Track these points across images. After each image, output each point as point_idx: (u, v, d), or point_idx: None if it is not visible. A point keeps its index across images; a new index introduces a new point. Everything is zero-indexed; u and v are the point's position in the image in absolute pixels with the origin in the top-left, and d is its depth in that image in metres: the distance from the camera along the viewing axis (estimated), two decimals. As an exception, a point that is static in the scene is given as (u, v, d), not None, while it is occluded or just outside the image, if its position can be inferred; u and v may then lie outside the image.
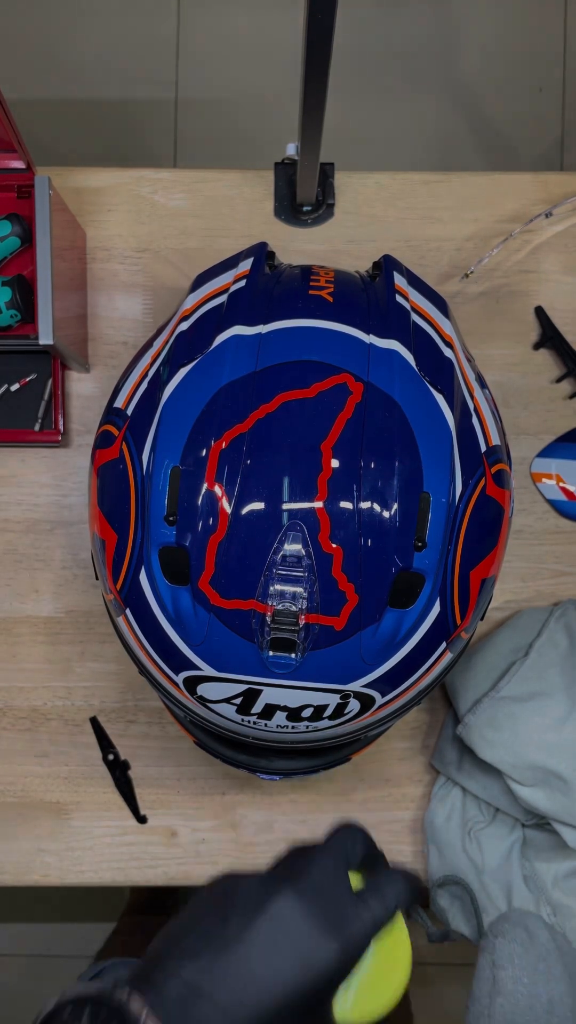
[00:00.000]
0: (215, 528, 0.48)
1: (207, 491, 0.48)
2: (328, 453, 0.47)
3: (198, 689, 0.52)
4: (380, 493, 0.48)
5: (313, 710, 0.51)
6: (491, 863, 0.74)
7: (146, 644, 0.52)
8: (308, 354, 0.50)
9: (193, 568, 0.48)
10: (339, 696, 0.50)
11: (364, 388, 0.49)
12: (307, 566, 0.47)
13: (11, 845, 0.79)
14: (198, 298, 0.55)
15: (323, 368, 0.49)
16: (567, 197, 0.79)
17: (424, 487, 0.49)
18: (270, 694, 0.50)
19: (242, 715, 0.52)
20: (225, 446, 0.48)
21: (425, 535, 0.49)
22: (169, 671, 0.52)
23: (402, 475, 0.48)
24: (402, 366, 0.50)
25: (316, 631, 0.48)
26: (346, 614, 0.48)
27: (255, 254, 0.56)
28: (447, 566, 0.50)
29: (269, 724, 0.52)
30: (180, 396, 0.51)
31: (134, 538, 0.51)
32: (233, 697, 0.51)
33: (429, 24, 1.59)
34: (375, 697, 0.51)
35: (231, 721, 0.53)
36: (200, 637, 0.49)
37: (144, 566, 0.50)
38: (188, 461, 0.49)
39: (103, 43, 1.58)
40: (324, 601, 0.47)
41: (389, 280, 0.55)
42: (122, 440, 0.53)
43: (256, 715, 0.51)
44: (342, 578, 0.47)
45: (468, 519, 0.51)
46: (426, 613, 0.50)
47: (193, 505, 0.48)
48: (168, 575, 0.49)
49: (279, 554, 0.47)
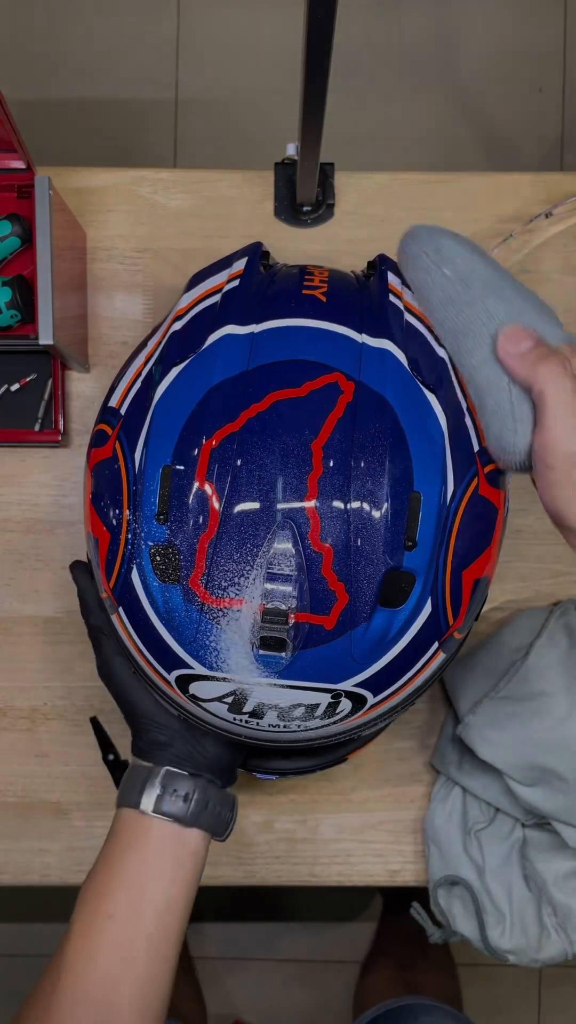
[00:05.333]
0: (205, 527, 0.48)
1: (198, 490, 0.48)
2: (319, 452, 0.47)
3: (190, 688, 0.52)
4: (370, 492, 0.48)
5: (304, 709, 0.51)
6: (492, 863, 0.74)
7: (139, 642, 0.53)
8: (300, 353, 0.50)
9: (184, 566, 0.48)
10: (330, 695, 0.50)
11: (355, 387, 0.49)
12: (297, 565, 0.47)
13: (11, 845, 0.79)
14: (192, 297, 0.55)
15: (315, 367, 0.49)
16: (567, 197, 0.79)
17: (415, 486, 0.49)
18: (260, 693, 0.50)
19: (234, 714, 0.52)
20: (216, 445, 0.48)
21: (416, 534, 0.49)
22: (162, 669, 0.52)
23: (392, 474, 0.48)
24: (394, 365, 0.50)
25: (306, 630, 0.48)
26: (336, 613, 0.48)
27: (250, 254, 0.56)
28: (438, 566, 0.50)
29: (261, 723, 0.52)
30: (172, 395, 0.51)
31: (126, 537, 0.51)
32: (224, 696, 0.51)
33: (429, 24, 1.59)
34: (367, 696, 0.51)
35: (223, 720, 0.53)
36: (191, 635, 0.49)
37: (136, 565, 0.50)
38: (179, 460, 0.49)
39: (103, 43, 1.58)
40: (314, 600, 0.48)
41: (383, 279, 0.55)
42: (115, 439, 0.53)
43: (248, 714, 0.51)
44: (332, 577, 0.47)
45: (460, 519, 0.50)
46: (417, 613, 0.50)
47: (184, 504, 0.48)
48: (159, 574, 0.49)
49: (269, 553, 0.47)
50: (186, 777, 0.57)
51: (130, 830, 0.57)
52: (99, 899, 0.56)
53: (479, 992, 1.43)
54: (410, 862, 0.79)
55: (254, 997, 1.53)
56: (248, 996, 1.53)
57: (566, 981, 1.54)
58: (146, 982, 0.55)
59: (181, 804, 0.57)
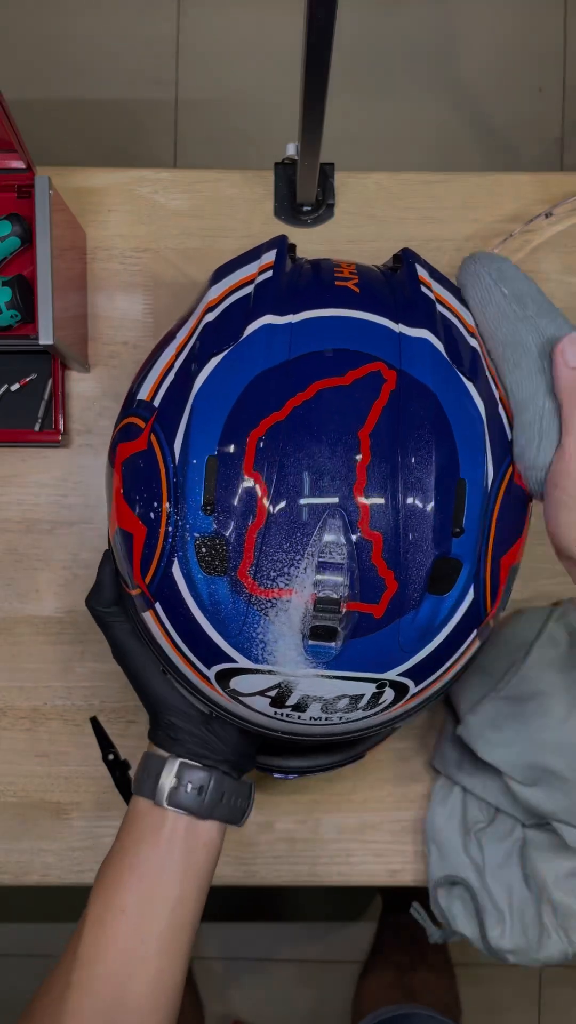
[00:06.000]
0: (254, 517, 0.47)
1: (245, 480, 0.48)
2: (366, 440, 0.47)
3: (231, 682, 0.51)
4: (418, 480, 0.48)
5: (348, 700, 0.50)
6: (492, 863, 0.74)
7: (176, 638, 0.52)
8: (340, 342, 0.50)
9: (231, 558, 0.48)
10: (375, 685, 0.50)
11: (397, 376, 0.49)
12: (347, 553, 0.47)
13: (11, 845, 0.79)
14: (222, 289, 0.55)
15: (356, 356, 0.49)
16: (567, 197, 0.79)
17: (460, 473, 0.49)
18: (306, 685, 0.49)
19: (276, 708, 0.51)
20: (262, 435, 0.48)
21: (462, 521, 0.49)
22: (201, 665, 0.52)
23: (439, 462, 0.48)
24: (433, 354, 0.51)
25: (356, 619, 0.48)
26: (386, 601, 0.48)
27: (278, 246, 0.56)
28: (480, 553, 0.50)
29: (303, 716, 0.51)
30: (212, 386, 0.50)
31: (166, 530, 0.50)
32: (268, 689, 0.50)
33: (429, 24, 1.59)
34: (408, 686, 0.51)
35: (262, 715, 0.52)
36: (236, 628, 0.49)
37: (178, 558, 0.50)
38: (225, 450, 0.49)
39: (103, 43, 1.58)
40: (364, 588, 0.47)
41: (412, 271, 0.55)
42: (150, 431, 0.52)
43: (290, 707, 0.51)
44: (382, 564, 0.47)
45: (499, 506, 0.51)
46: (462, 599, 0.50)
47: (231, 494, 0.48)
48: (204, 565, 0.49)
49: (319, 542, 0.47)
50: (201, 769, 0.57)
51: (144, 820, 0.57)
52: (112, 892, 0.56)
53: (479, 992, 1.43)
54: (410, 862, 0.79)
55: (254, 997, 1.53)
56: (248, 996, 1.53)
57: (566, 981, 1.54)
58: (157, 978, 0.55)
59: (196, 797, 0.56)
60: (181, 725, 0.57)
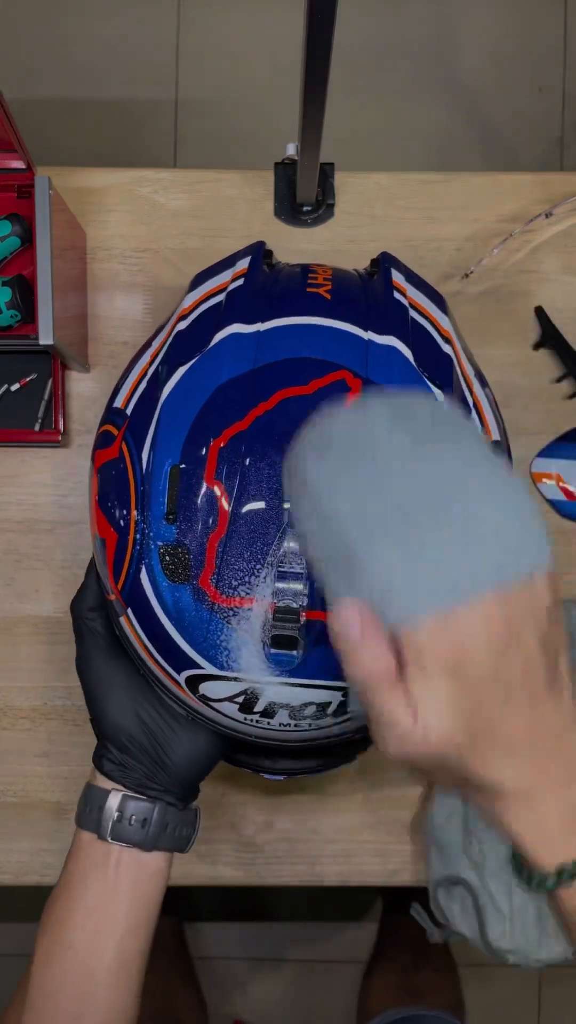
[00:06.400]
0: (215, 526, 0.48)
1: (207, 489, 0.48)
2: None
3: (200, 688, 0.52)
4: None
5: (316, 708, 0.51)
6: (492, 863, 0.74)
7: (148, 643, 0.52)
8: (306, 351, 0.50)
9: (193, 566, 0.48)
10: (341, 693, 0.50)
11: (363, 384, 0.49)
12: (307, 563, 0.47)
13: (11, 845, 0.79)
14: (196, 297, 0.55)
15: (321, 365, 0.49)
16: (567, 197, 0.79)
17: None
18: (272, 692, 0.50)
19: (245, 714, 0.52)
20: (224, 444, 0.48)
21: None
22: (172, 670, 0.52)
23: None
24: (400, 362, 0.51)
25: (318, 628, 0.48)
26: None
27: (252, 253, 0.56)
28: None
29: (272, 723, 0.52)
30: (179, 395, 0.51)
31: (134, 537, 0.51)
32: (235, 696, 0.51)
33: (429, 24, 1.59)
34: None
35: (234, 720, 0.53)
36: (201, 635, 0.49)
37: (144, 565, 0.50)
38: (187, 459, 0.49)
39: (103, 43, 1.58)
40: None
41: (387, 277, 0.55)
42: (122, 439, 0.53)
43: (258, 714, 0.51)
44: None
45: None
46: None
47: (193, 503, 0.48)
48: (168, 574, 0.49)
49: (279, 551, 0.47)
50: (144, 800, 0.56)
51: (88, 854, 0.57)
52: (59, 928, 0.56)
53: (479, 992, 1.43)
54: (410, 862, 0.79)
55: (254, 997, 1.53)
56: (248, 996, 1.53)
57: (566, 981, 1.54)
58: (109, 1009, 0.55)
59: (140, 829, 0.55)
60: (129, 752, 0.56)
